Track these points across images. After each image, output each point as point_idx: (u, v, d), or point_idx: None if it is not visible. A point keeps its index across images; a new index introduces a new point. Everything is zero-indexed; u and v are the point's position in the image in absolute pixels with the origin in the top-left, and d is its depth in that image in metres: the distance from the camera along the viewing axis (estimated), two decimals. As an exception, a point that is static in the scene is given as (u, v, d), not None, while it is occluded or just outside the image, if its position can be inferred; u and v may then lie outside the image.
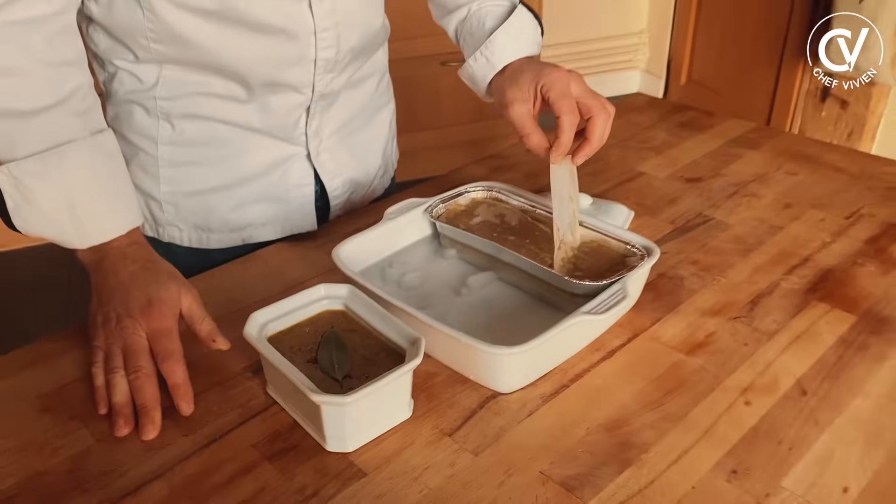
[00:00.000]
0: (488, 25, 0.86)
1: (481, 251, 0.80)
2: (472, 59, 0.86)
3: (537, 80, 0.77)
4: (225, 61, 0.77)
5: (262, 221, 0.90)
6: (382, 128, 1.00)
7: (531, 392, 0.68)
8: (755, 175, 1.05)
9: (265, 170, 0.87)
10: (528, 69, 0.80)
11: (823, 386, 0.68)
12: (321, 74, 0.82)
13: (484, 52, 0.84)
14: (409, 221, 0.83)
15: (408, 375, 0.63)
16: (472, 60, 0.86)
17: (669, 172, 1.06)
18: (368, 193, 1.00)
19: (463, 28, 0.90)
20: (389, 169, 1.04)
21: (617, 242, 0.78)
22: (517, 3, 0.89)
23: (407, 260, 0.81)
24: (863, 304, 0.79)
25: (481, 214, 0.85)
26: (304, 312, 0.69)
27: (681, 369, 0.70)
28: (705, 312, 0.78)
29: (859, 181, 1.03)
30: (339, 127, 0.91)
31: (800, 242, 0.90)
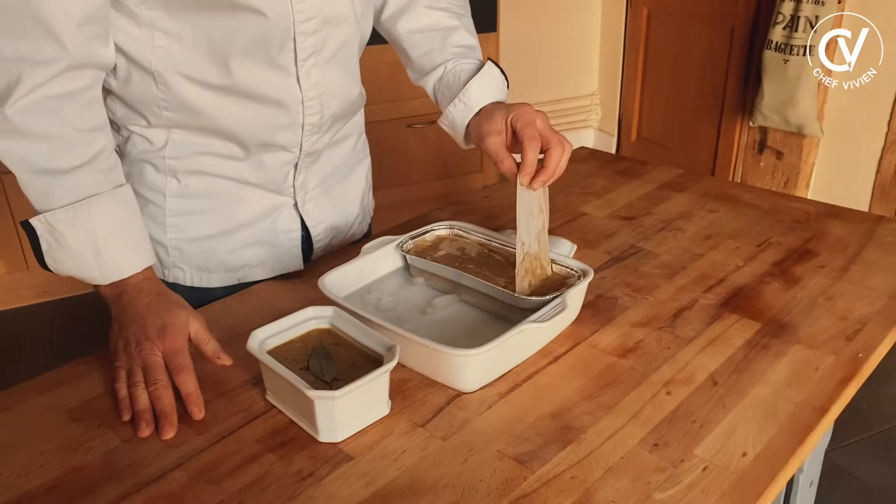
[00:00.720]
0: (463, 78, 1.01)
1: (445, 278, 0.94)
2: (452, 106, 1.00)
3: (508, 113, 0.93)
4: (226, 126, 0.92)
5: (255, 263, 1.03)
6: (360, 180, 1.14)
7: (490, 391, 0.81)
8: (681, 213, 1.21)
9: (258, 218, 1.01)
10: (500, 107, 0.96)
11: (731, 378, 0.83)
12: (307, 136, 0.97)
13: (462, 99, 0.99)
14: (383, 255, 0.97)
15: (386, 375, 0.75)
16: (452, 107, 1.00)
17: (608, 212, 1.22)
18: (347, 237, 1.13)
19: (440, 84, 1.04)
20: (367, 216, 1.18)
21: (560, 267, 0.92)
22: (486, 61, 1.04)
23: (382, 287, 0.95)
24: (767, 314, 0.94)
25: (445, 248, 0.99)
26: (296, 330, 0.82)
27: (614, 369, 0.84)
28: (635, 324, 0.92)
29: (770, 215, 1.20)
30: (322, 180, 1.05)
31: (717, 266, 1.05)
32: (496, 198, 1.29)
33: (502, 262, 0.95)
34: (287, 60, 0.90)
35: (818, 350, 0.87)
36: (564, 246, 1.07)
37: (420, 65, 1.07)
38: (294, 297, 0.98)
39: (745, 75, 2.79)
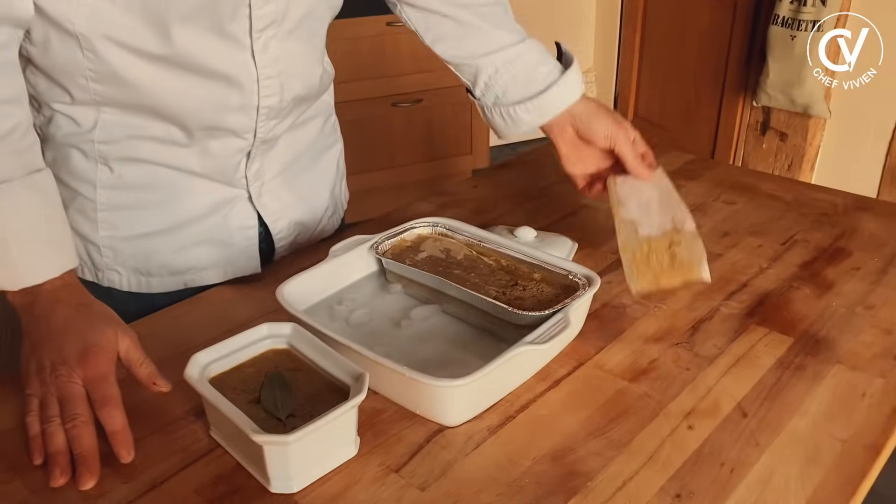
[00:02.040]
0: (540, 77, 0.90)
1: (426, 285, 0.80)
2: (522, 108, 0.91)
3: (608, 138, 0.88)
4: (166, 105, 0.77)
5: (204, 265, 0.89)
6: (329, 168, 1.00)
7: (478, 424, 0.68)
8: (694, 205, 1.08)
9: (206, 213, 0.87)
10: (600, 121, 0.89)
11: (763, 407, 0.70)
12: (263, 121, 0.83)
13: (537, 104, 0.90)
14: (355, 258, 0.83)
15: (352, 412, 0.62)
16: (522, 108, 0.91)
17: (612, 205, 1.08)
18: (316, 234, 1.00)
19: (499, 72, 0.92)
20: (339, 209, 1.05)
21: (559, 273, 0.79)
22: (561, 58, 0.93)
23: (354, 296, 0.81)
24: (799, 326, 0.81)
25: (427, 250, 0.86)
26: (247, 352, 0.69)
27: (625, 396, 0.71)
28: (648, 339, 0.79)
29: (793, 208, 1.07)
30: (282, 169, 0.91)
31: (738, 269, 0.92)
32: (486, 187, 1.16)
33: (493, 267, 0.82)
34: (240, 30, 0.76)
35: (863, 372, 0.74)
36: (564, 245, 0.93)
37: None
38: (252, 305, 0.85)
39: (748, 52, 2.65)
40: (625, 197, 0.86)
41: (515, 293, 0.77)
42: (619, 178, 0.88)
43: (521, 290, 0.78)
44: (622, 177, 0.88)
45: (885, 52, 2.08)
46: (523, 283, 0.79)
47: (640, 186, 0.87)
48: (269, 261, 0.95)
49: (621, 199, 0.86)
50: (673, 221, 0.84)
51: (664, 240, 0.83)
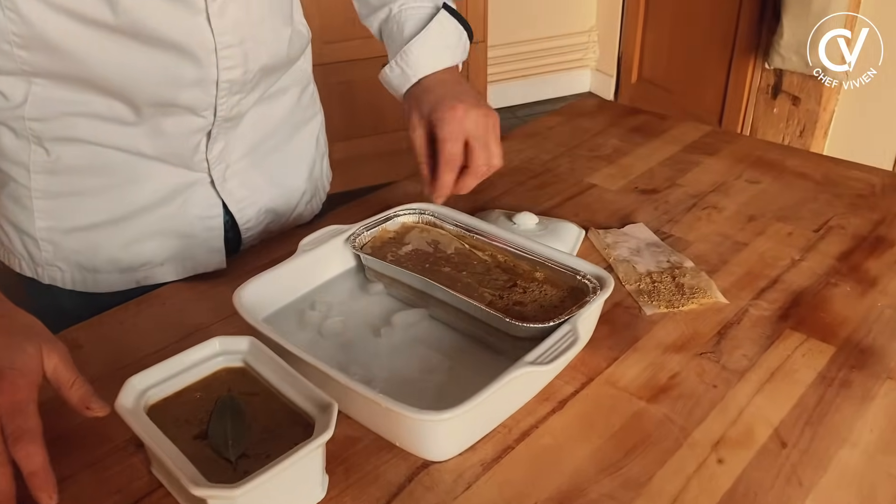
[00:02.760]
0: (406, 32, 0.78)
1: (411, 286, 0.69)
2: (388, 69, 0.81)
3: (432, 112, 0.74)
4: (106, 78, 0.65)
5: (160, 260, 0.78)
6: (307, 146, 0.88)
7: (469, 458, 0.57)
8: (714, 184, 0.96)
9: (161, 200, 0.75)
10: (433, 94, 0.76)
11: (805, 435, 0.59)
12: (225, 97, 0.71)
13: (399, 63, 0.78)
14: (329, 253, 0.72)
15: (317, 452, 0.52)
16: (389, 69, 0.81)
17: (622, 184, 0.97)
18: (291, 221, 0.88)
19: (384, 29, 0.81)
20: (319, 192, 0.93)
21: (565, 272, 0.68)
22: (440, 5, 0.79)
23: (328, 299, 0.70)
24: (841, 333, 0.70)
25: (413, 242, 0.74)
26: (195, 373, 0.58)
27: (643, 420, 0.61)
28: (668, 348, 0.68)
29: (825, 188, 0.95)
30: (250, 149, 0.79)
31: (767, 261, 0.81)
32: (482, 163, 1.04)
33: (488, 264, 0.71)
34: (191, -11, 0.64)
35: (919, 390, 0.64)
36: (570, 233, 0.82)
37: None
38: (211, 306, 0.74)
39: (760, 10, 2.50)
40: (612, 243, 0.82)
41: (514, 297, 0.66)
42: (601, 230, 0.84)
43: (521, 293, 0.67)
44: (603, 230, 0.85)
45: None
46: (523, 283, 0.68)
47: (623, 237, 0.83)
48: (235, 251, 0.83)
49: (609, 244, 0.82)
50: (669, 262, 0.80)
51: (666, 273, 0.77)
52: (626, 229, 0.86)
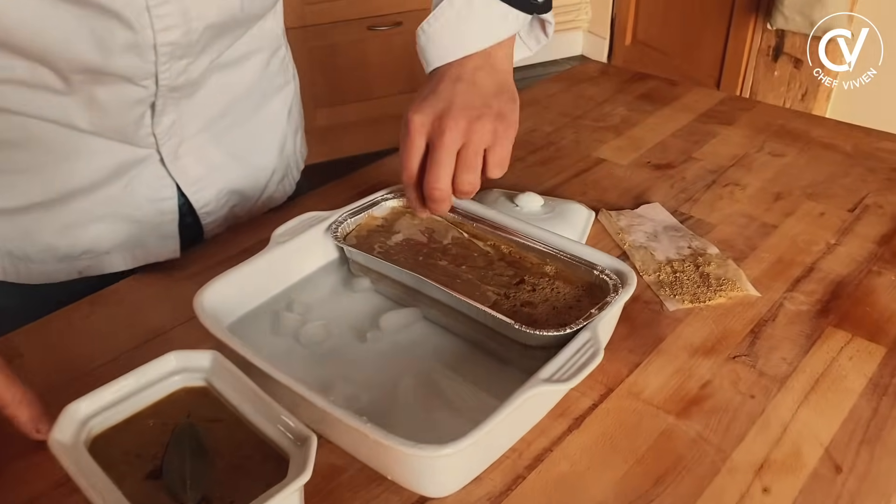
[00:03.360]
0: None
1: (402, 283, 0.60)
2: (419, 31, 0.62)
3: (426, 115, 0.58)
4: (26, 39, 0.55)
5: (105, 247, 0.68)
6: (277, 118, 0.78)
7: (473, 492, 0.49)
8: (734, 158, 0.87)
9: (102, 180, 0.65)
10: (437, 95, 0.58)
11: (861, 456, 0.51)
12: (167, 63, 0.60)
13: (420, 37, 0.61)
14: (307, 245, 0.63)
15: (293, 496, 0.43)
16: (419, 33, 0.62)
17: (633, 158, 0.88)
18: (260, 205, 0.78)
19: None
20: (292, 171, 0.83)
21: (580, 266, 0.59)
22: None
23: (307, 299, 0.61)
24: (891, 329, 0.62)
25: (403, 230, 0.65)
26: (148, 396, 0.49)
27: (672, 440, 0.53)
28: (696, 351, 0.60)
29: (856, 162, 0.86)
30: (209, 122, 0.69)
31: (799, 245, 0.72)
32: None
33: (490, 257, 0.62)
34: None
35: (985, 398, 0.56)
36: (578, 216, 0.73)
37: None
38: (176, 306, 0.64)
39: (762, -34, 2.40)
40: (626, 227, 0.74)
41: (522, 296, 0.57)
42: (612, 212, 0.75)
43: (530, 292, 0.58)
44: (615, 211, 0.75)
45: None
46: (532, 280, 0.59)
47: (638, 220, 0.75)
48: (197, 240, 0.74)
49: (623, 228, 0.73)
50: (691, 248, 0.71)
51: (688, 262, 0.69)
52: (641, 210, 0.77)
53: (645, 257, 0.70)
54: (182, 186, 0.69)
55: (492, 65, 0.60)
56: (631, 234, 0.73)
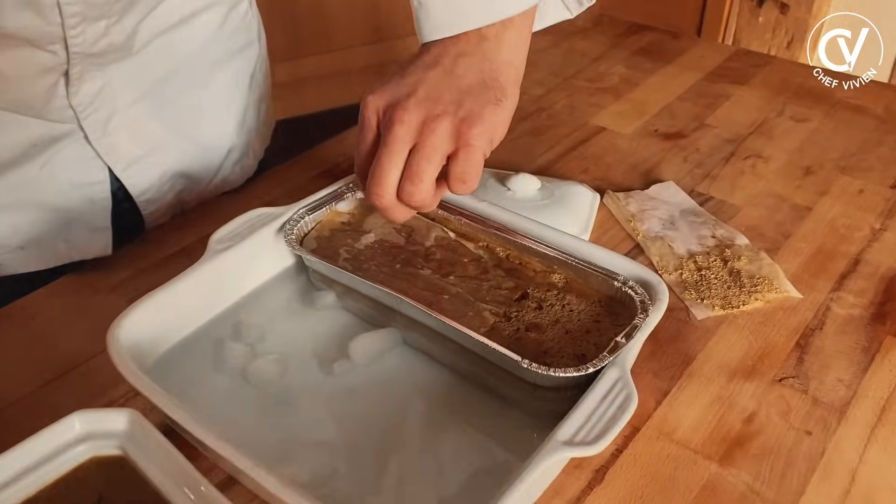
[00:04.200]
0: None
1: (375, 300, 0.48)
2: None
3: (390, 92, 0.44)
4: None
5: (16, 241, 0.55)
6: (236, 86, 0.65)
7: (475, 581, 0.38)
8: (752, 124, 0.76)
9: (11, 160, 0.52)
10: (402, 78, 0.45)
11: (949, 511, 0.42)
12: (79, 26, 0.47)
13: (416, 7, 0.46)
14: (255, 251, 0.50)
15: None
16: None
17: (638, 126, 0.76)
18: (213, 189, 0.66)
19: None
20: (254, 148, 0.69)
21: (596, 275, 0.47)
22: None
23: (259, 320, 0.49)
24: (960, 339, 0.52)
25: (375, 229, 0.53)
26: (46, 473, 0.37)
27: (717, 495, 0.42)
28: (734, 372, 0.50)
29: (891, 127, 0.76)
30: (148, 91, 0.56)
31: (840, 232, 0.62)
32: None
33: (484, 262, 0.50)
34: None
35: None
36: (581, 199, 0.62)
37: None
38: (97, 328, 0.52)
39: None
40: (638, 212, 0.62)
41: (527, 316, 0.46)
42: (620, 193, 0.64)
43: (536, 311, 0.46)
44: (623, 193, 0.65)
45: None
46: (538, 293, 0.48)
47: (651, 203, 0.64)
48: (139, 231, 0.61)
49: (633, 214, 0.62)
50: (716, 237, 0.60)
51: (714, 256, 0.58)
52: (653, 191, 0.66)
53: (663, 251, 0.59)
54: (114, 168, 0.56)
55: (484, 52, 0.45)
56: (644, 221, 0.62)
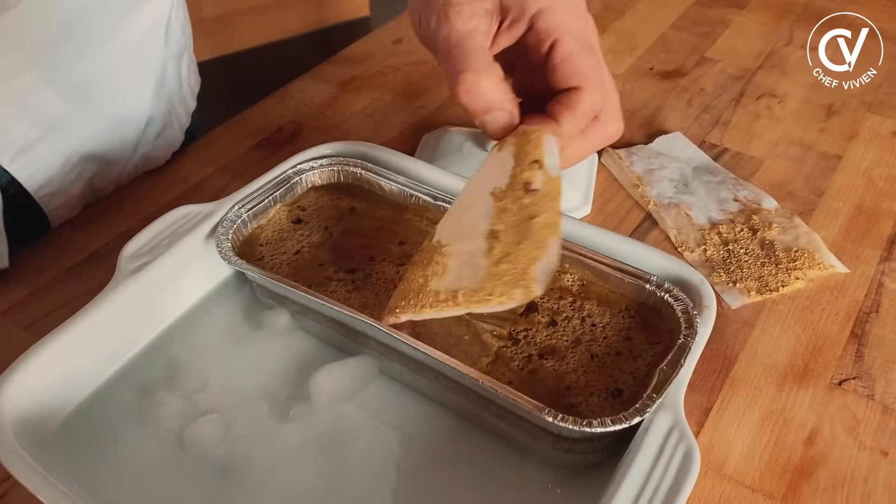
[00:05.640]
0: None
1: (336, 320, 0.38)
2: None
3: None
4: None
5: None
6: (147, 41, 0.51)
7: None
8: (759, 55, 0.66)
9: None
10: None
11: None
12: None
13: None
14: (181, 264, 0.39)
15: None
16: None
17: (630, 63, 0.65)
18: (131, 170, 0.53)
19: None
20: (178, 115, 0.56)
21: (617, 275, 0.37)
22: None
23: (190, 355, 0.38)
24: None
25: (334, 223, 0.42)
26: None
27: (787, 549, 0.34)
28: (784, 377, 0.41)
29: (914, 52, 0.67)
30: (32, 58, 0.44)
31: (878, 185, 0.53)
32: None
33: (478, 265, 0.40)
34: None
35: None
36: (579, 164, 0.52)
37: None
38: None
39: None
40: (644, 173, 0.52)
41: (538, 336, 0.36)
42: (620, 151, 0.53)
43: (549, 328, 0.36)
44: (624, 149, 0.54)
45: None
46: (548, 303, 0.37)
47: (658, 161, 0.54)
48: (45, 232, 0.49)
49: (640, 176, 0.52)
50: (738, 200, 0.51)
51: (740, 225, 0.49)
52: (658, 145, 0.56)
53: (680, 221, 0.49)
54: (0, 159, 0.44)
55: None
56: (653, 185, 0.52)
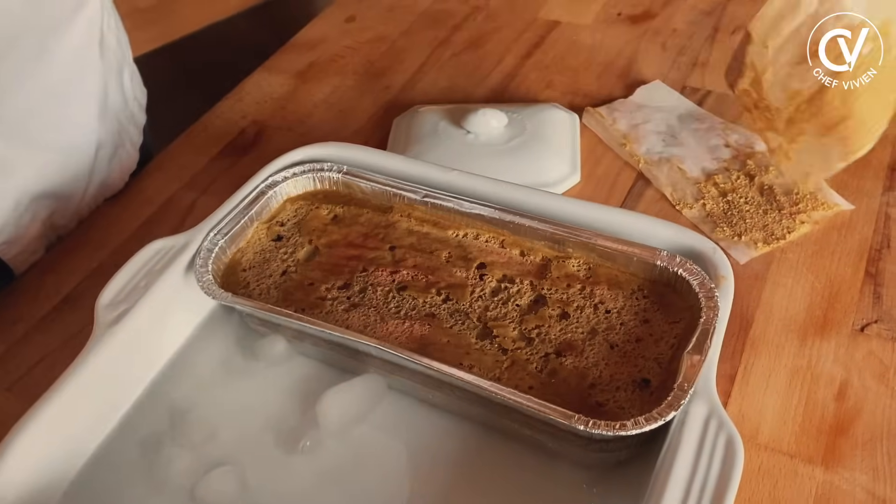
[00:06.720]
0: None
1: (337, 342, 0.35)
2: None
3: None
4: None
5: None
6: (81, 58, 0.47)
7: None
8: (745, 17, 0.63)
9: None
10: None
11: None
12: None
13: None
14: (163, 304, 0.36)
15: None
16: None
17: (596, 12, 0.63)
18: (90, 200, 0.50)
19: None
20: (129, 132, 0.52)
21: (624, 254, 0.35)
22: None
23: (193, 400, 0.36)
24: None
25: (318, 235, 0.39)
26: None
27: (834, 514, 0.33)
28: (805, 330, 0.39)
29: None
30: None
31: (870, 109, 0.51)
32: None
33: (468, 253, 0.37)
34: None
35: None
36: (559, 125, 0.50)
37: None
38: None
39: None
40: (629, 129, 0.50)
41: (552, 332, 0.34)
42: (601, 108, 0.52)
43: (561, 321, 0.34)
44: (605, 106, 0.52)
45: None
46: (556, 293, 0.35)
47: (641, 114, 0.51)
48: (9, 280, 0.46)
49: (625, 133, 0.50)
50: (730, 146, 0.49)
51: (736, 172, 0.47)
52: (638, 97, 0.53)
53: (674, 177, 0.47)
54: None
55: None
56: (640, 141, 0.49)
